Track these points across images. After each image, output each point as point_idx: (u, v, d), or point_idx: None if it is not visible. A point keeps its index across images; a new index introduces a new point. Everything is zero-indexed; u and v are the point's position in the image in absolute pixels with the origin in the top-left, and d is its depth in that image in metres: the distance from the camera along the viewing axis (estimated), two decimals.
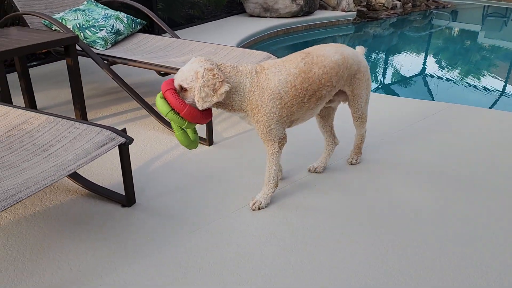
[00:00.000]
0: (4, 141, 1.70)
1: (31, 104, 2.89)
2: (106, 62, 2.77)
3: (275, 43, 5.86)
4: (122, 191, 2.05)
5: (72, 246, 1.70)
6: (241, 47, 5.02)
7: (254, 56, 2.87)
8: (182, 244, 1.72)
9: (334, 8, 7.23)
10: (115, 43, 3.19)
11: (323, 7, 7.25)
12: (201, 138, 2.56)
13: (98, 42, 3.04)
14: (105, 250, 1.68)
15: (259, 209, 1.93)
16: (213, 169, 2.30)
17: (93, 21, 3.11)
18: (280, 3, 6.34)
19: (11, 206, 1.30)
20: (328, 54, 1.84)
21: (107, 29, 3.10)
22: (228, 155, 2.43)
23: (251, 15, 6.64)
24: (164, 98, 1.65)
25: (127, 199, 1.93)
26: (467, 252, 1.71)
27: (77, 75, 2.58)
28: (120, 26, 3.20)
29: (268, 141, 1.82)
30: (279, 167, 2.04)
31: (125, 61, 2.72)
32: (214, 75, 1.60)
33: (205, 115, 1.70)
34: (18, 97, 3.20)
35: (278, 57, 2.90)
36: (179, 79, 1.64)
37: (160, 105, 1.65)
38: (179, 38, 3.33)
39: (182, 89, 1.65)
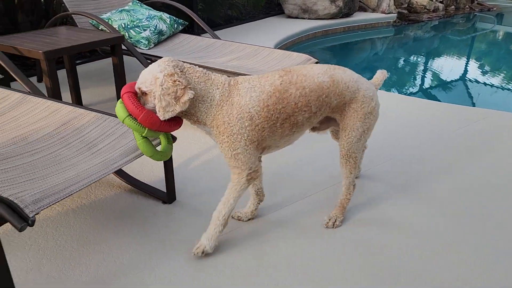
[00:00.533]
0: (55, 136, 1.78)
1: (77, 100, 3.00)
2: (149, 61, 2.85)
3: (313, 45, 5.83)
4: (163, 188, 2.11)
5: (116, 239, 1.76)
6: (278, 48, 5.04)
7: (293, 58, 2.88)
8: (218, 244, 1.75)
9: (374, 10, 7.12)
10: (157, 43, 3.27)
11: (363, 9, 7.16)
12: None
13: (141, 42, 3.13)
14: (147, 245, 1.73)
15: (203, 253, 1.65)
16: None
17: (138, 21, 3.20)
18: (319, 5, 6.30)
19: (63, 199, 1.36)
20: (312, 74, 1.58)
21: (150, 29, 3.19)
22: (265, 156, 2.45)
23: (289, 16, 6.64)
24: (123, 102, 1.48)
25: (168, 196, 1.98)
26: None
27: (122, 74, 2.67)
28: (163, 27, 3.28)
29: (234, 168, 1.57)
30: (235, 203, 1.65)
31: None
32: (174, 81, 1.41)
33: (170, 123, 1.50)
34: (65, 94, 3.33)
35: (317, 60, 2.90)
36: (139, 81, 1.47)
37: (117, 110, 1.48)
38: (220, 39, 3.38)
39: (143, 93, 1.47)
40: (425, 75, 5.03)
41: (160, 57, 2.84)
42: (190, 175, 2.25)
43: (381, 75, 1.85)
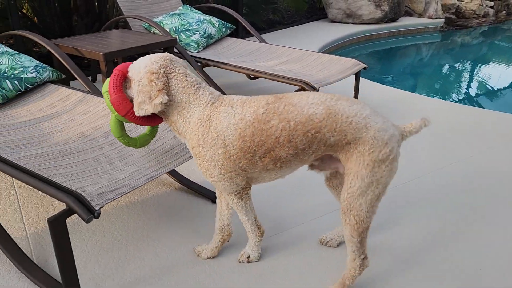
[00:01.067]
0: None
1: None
2: (199, 64, 2.92)
3: (357, 50, 5.78)
4: (210, 187, 2.16)
5: (168, 235, 1.81)
6: (322, 52, 5.03)
7: (342, 63, 2.87)
8: (264, 244, 1.77)
9: (420, 15, 6.97)
10: (206, 46, 3.35)
11: (409, 14, 7.02)
12: None
13: (191, 45, 3.21)
14: (197, 243, 1.78)
15: (248, 262, 1.66)
16: (300, 172, 2.33)
17: (188, 25, 3.29)
18: (364, 9, 6.24)
19: (126, 193, 1.43)
20: (303, 104, 1.32)
21: (200, 33, 3.27)
22: None
23: (333, 21, 6.60)
24: None
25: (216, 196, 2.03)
26: None
27: None
28: (212, 30, 3.36)
29: (223, 192, 1.47)
30: (253, 212, 1.57)
31: (217, 64, 2.85)
32: (150, 81, 1.33)
33: (140, 117, 1.42)
34: None
35: (366, 65, 2.88)
36: (131, 65, 1.42)
37: (104, 83, 1.45)
38: (267, 43, 3.41)
39: (129, 78, 1.42)
40: (471, 82, 4.87)
41: (211, 60, 2.91)
42: None
43: (420, 122, 1.41)
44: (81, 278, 1.58)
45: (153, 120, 1.45)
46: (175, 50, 3.04)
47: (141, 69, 1.37)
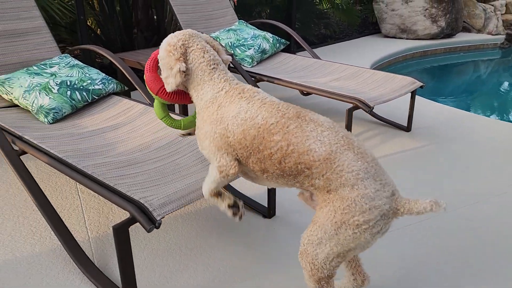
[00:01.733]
0: (173, 146, 1.94)
1: (184, 111, 3.23)
2: (253, 79, 2.98)
3: (410, 66, 5.65)
4: (262, 201, 2.18)
5: (219, 247, 1.86)
6: (374, 68, 4.96)
7: (397, 81, 2.83)
8: None
9: (479, 31, 6.72)
10: (260, 61, 3.41)
11: (467, 30, 6.78)
12: None
13: (246, 60, 3.28)
14: (248, 257, 1.81)
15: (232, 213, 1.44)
16: None
17: (243, 40, 3.37)
18: (419, 24, 6.10)
19: (185, 205, 1.48)
20: (311, 136, 1.25)
21: (254, 48, 3.34)
22: None
23: (386, 36, 6.50)
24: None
25: (269, 211, 2.05)
26: None
27: None
28: (266, 46, 3.42)
29: (208, 157, 1.41)
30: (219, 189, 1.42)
31: (271, 79, 2.89)
32: (168, 53, 1.37)
33: (170, 94, 1.47)
34: (171, 106, 3.60)
35: (423, 83, 2.82)
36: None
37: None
38: (320, 58, 3.43)
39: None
40: None
41: (265, 75, 2.96)
42: (288, 191, 2.30)
43: (427, 204, 1.22)
44: (138, 284, 1.65)
45: (184, 97, 1.48)
46: (231, 65, 3.12)
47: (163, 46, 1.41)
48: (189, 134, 1.64)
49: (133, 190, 1.52)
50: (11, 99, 2.29)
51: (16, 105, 2.34)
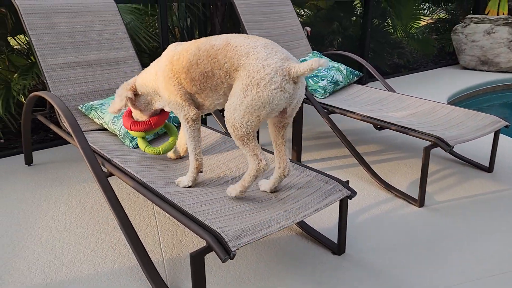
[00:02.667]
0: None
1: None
2: (325, 110, 2.99)
3: (491, 100, 5.34)
4: (332, 237, 2.15)
5: (287, 280, 1.85)
6: (451, 101, 4.76)
7: (479, 119, 2.69)
8: None
9: None
10: (332, 92, 3.42)
11: None
12: (411, 198, 2.50)
13: (318, 91, 3.31)
14: None
15: (177, 185, 1.91)
16: (423, 234, 2.21)
17: (316, 71, 3.41)
18: (503, 57, 5.78)
19: (259, 239, 1.51)
20: (211, 38, 1.77)
21: (327, 79, 3.36)
22: (440, 221, 2.31)
23: (465, 68, 6.23)
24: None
25: (339, 248, 2.02)
26: None
27: (301, 121, 2.85)
28: (339, 77, 3.43)
29: (175, 114, 1.90)
30: (197, 143, 1.90)
31: (344, 112, 2.88)
32: (122, 87, 2.04)
33: (136, 124, 2.09)
34: None
35: (508, 123, 2.66)
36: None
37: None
38: (394, 91, 3.36)
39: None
40: None
41: (337, 107, 2.96)
42: (358, 228, 2.26)
43: (309, 62, 1.52)
44: None
45: (146, 124, 2.07)
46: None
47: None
48: (180, 157, 2.20)
49: (210, 219, 1.57)
50: (101, 124, 2.49)
51: (106, 129, 2.54)
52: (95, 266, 1.94)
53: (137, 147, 2.33)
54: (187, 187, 1.90)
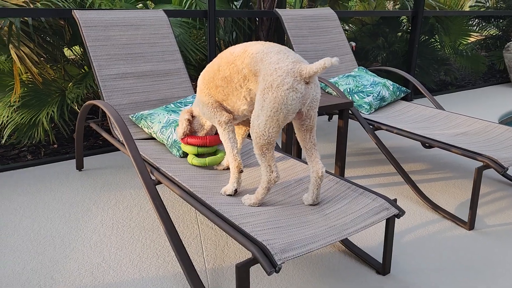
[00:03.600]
0: (293, 190, 1.99)
1: (298, 153, 3.30)
2: (371, 126, 2.95)
3: None
4: (376, 255, 2.10)
5: None
6: (502, 121, 4.57)
7: None
8: None
9: None
10: (378, 108, 3.37)
11: None
12: (459, 220, 2.41)
13: (363, 107, 3.27)
14: None
15: (229, 195, 1.95)
16: (472, 258, 2.12)
17: (362, 86, 3.38)
18: None
19: (304, 254, 1.50)
20: (231, 47, 1.90)
21: (373, 95, 3.31)
22: (490, 245, 2.21)
23: None
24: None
25: (383, 267, 1.97)
26: None
27: (345, 136, 2.82)
28: (385, 93, 3.37)
29: (211, 121, 2.04)
30: (234, 145, 1.97)
31: (390, 129, 2.83)
32: (182, 114, 2.25)
33: (208, 138, 2.23)
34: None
35: None
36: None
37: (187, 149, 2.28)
38: (443, 108, 3.27)
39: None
40: None
41: (384, 124, 2.92)
42: (403, 249, 2.19)
43: (319, 62, 1.61)
44: None
45: (195, 138, 2.23)
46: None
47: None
48: (227, 167, 2.26)
49: (256, 231, 1.58)
50: (150, 133, 2.57)
51: (154, 138, 2.62)
52: (140, 271, 1.99)
53: (184, 156, 2.39)
54: (234, 190, 1.94)
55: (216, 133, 2.28)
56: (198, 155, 2.26)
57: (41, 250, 2.13)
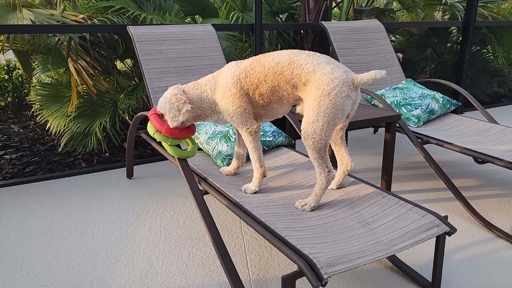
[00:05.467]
0: (337, 205, 1.98)
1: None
2: (420, 140, 2.88)
3: None
4: (425, 274, 2.04)
5: None
6: None
7: None
8: None
9: None
10: (426, 121, 3.28)
11: None
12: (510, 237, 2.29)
13: (411, 120, 3.20)
14: None
15: (251, 192, 2.08)
16: None
17: (410, 99, 3.30)
18: None
19: (350, 269, 1.49)
20: (274, 56, 1.94)
21: (422, 108, 3.23)
22: None
23: None
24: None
25: (433, 287, 1.90)
26: None
27: (392, 150, 2.77)
28: (434, 106, 3.28)
29: (237, 127, 2.06)
30: (259, 151, 2.08)
31: (441, 143, 2.75)
32: (177, 98, 2.00)
33: (185, 131, 2.10)
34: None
35: None
36: (158, 107, 2.09)
37: (149, 127, 2.11)
38: (497, 122, 3.13)
39: (161, 114, 2.09)
40: None
41: (433, 138, 2.84)
42: (453, 268, 2.11)
43: (371, 73, 1.77)
44: None
45: (189, 131, 2.11)
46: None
47: (165, 101, 2.04)
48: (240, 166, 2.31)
49: (302, 244, 1.58)
50: (196, 143, 2.64)
51: (200, 149, 2.69)
52: (186, 278, 2.04)
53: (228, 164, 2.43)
54: (254, 191, 2.08)
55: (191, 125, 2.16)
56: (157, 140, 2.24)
57: (94, 254, 2.23)
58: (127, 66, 4.51)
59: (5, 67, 5.21)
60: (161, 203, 2.82)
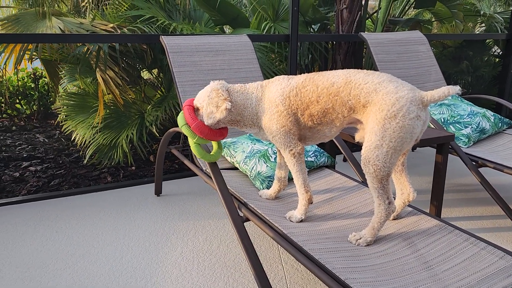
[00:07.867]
0: (395, 239, 1.76)
1: None
2: (474, 163, 2.64)
3: None
4: None
5: None
6: None
7: None
8: None
9: None
10: (477, 141, 3.03)
11: None
12: None
13: (461, 139, 2.96)
14: None
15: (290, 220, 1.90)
16: None
17: (459, 117, 3.06)
18: None
19: None
20: (329, 75, 1.75)
21: (472, 127, 2.99)
22: None
23: None
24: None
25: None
26: None
27: (444, 173, 2.54)
28: (486, 125, 3.04)
29: (280, 148, 1.86)
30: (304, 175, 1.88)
31: (500, 167, 2.50)
32: (217, 93, 1.81)
33: (216, 132, 1.87)
34: None
35: None
36: (196, 99, 1.90)
37: (178, 118, 1.91)
38: None
39: (197, 108, 1.89)
40: None
41: (491, 161, 2.59)
42: None
43: (442, 90, 1.56)
44: None
45: (220, 134, 1.89)
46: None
47: (205, 96, 1.84)
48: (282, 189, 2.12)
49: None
50: (233, 162, 2.46)
51: (236, 168, 2.50)
52: None
53: (268, 188, 2.24)
54: (300, 220, 1.89)
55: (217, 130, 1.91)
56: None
57: (123, 283, 2.05)
58: (154, 75, 4.38)
59: (32, 75, 5.15)
60: (192, 224, 2.64)
